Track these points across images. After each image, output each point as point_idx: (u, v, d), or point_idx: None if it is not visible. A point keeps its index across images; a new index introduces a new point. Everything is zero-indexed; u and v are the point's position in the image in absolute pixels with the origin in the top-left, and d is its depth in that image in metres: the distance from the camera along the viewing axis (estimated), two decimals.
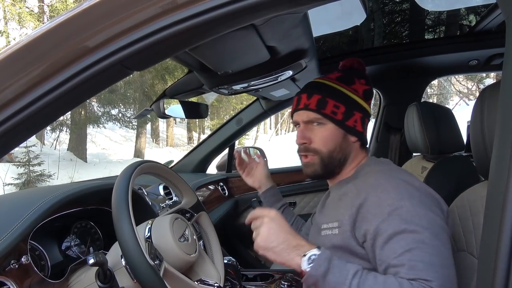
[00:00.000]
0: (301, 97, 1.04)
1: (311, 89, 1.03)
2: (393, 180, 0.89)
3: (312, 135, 1.02)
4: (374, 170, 0.97)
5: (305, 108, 1.01)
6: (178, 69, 9.90)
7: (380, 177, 0.91)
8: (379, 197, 0.85)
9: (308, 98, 1.02)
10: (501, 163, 0.53)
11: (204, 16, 0.59)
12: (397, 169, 0.98)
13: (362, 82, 1.05)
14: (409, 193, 0.85)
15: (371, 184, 0.90)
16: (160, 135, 17.60)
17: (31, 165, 8.40)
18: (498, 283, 0.49)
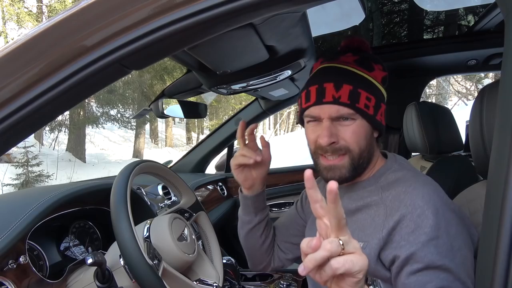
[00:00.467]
0: (323, 88, 0.85)
1: (337, 76, 0.86)
2: (430, 200, 0.78)
3: (341, 132, 0.86)
4: (401, 179, 0.86)
5: (334, 101, 0.84)
6: (177, 69, 9.89)
7: (415, 195, 0.79)
8: (416, 223, 0.76)
9: (337, 88, 0.84)
10: (500, 162, 0.53)
11: (202, 15, 0.59)
12: (425, 181, 0.85)
13: (379, 67, 0.91)
14: (446, 220, 0.77)
15: (406, 204, 0.79)
16: (159, 136, 17.59)
17: (29, 165, 8.40)
18: (497, 282, 0.49)
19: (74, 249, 1.20)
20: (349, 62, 0.89)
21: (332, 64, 0.90)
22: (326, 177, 0.89)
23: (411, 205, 0.78)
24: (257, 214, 1.08)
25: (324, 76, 0.88)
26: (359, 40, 0.95)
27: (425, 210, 0.76)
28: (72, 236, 1.21)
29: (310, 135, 0.90)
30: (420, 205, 0.77)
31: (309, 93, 0.88)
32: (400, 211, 0.78)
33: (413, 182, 0.83)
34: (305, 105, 0.89)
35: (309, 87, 0.89)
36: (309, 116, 0.89)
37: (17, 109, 0.62)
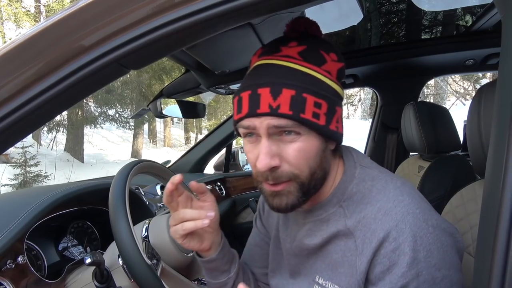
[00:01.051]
0: (258, 95, 0.65)
1: (275, 77, 0.65)
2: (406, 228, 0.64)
3: (284, 151, 0.66)
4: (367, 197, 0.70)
5: (272, 113, 0.64)
6: (176, 69, 9.89)
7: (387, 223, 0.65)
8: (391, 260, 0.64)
9: (274, 95, 0.64)
10: (497, 162, 0.53)
11: (200, 14, 0.59)
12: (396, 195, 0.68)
13: (333, 57, 0.70)
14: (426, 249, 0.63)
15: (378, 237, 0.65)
16: (157, 136, 17.58)
17: (27, 165, 8.38)
18: (494, 281, 0.50)
19: (73, 249, 1.20)
20: (292, 56, 0.68)
21: (270, 60, 0.68)
22: (272, 204, 0.70)
23: (384, 237, 0.64)
24: (231, 268, 0.86)
25: (259, 77, 0.67)
26: (306, 21, 0.73)
27: (400, 244, 0.63)
28: (70, 236, 1.21)
29: (249, 155, 0.70)
30: (394, 237, 0.64)
31: (241, 100, 0.68)
32: (373, 245, 0.65)
33: (384, 201, 0.68)
34: (237, 116, 0.69)
35: (241, 93, 0.68)
36: (244, 128, 0.69)
37: (15, 109, 0.62)
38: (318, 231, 0.75)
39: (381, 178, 0.72)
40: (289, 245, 0.83)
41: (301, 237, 0.78)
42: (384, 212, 0.66)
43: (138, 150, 13.66)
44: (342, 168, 0.76)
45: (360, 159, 0.77)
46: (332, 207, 0.74)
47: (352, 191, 0.72)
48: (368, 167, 0.75)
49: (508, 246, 0.49)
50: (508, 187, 0.49)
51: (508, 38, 0.55)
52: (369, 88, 2.56)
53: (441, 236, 0.65)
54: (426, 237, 0.64)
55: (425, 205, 0.69)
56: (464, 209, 1.04)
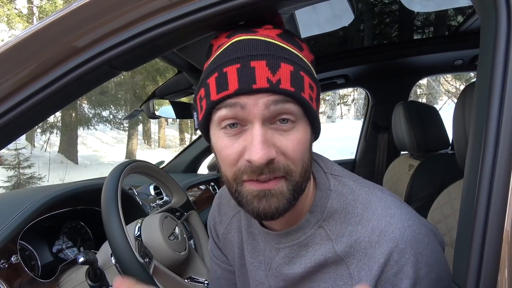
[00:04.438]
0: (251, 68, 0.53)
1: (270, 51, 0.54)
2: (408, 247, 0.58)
3: (281, 142, 0.55)
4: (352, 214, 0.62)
5: (272, 88, 0.53)
6: (169, 70, 9.87)
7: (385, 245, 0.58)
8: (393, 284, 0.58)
9: (273, 69, 0.53)
10: (475, 158, 0.55)
11: (190, 17, 0.60)
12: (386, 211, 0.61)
13: (307, 47, 0.62)
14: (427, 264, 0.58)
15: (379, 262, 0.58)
16: (152, 137, 17.51)
17: (21, 167, 8.32)
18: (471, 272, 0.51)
19: (67, 251, 1.21)
20: (273, 37, 0.57)
21: (252, 36, 0.57)
22: (257, 208, 0.57)
23: (386, 262, 0.57)
24: None
25: (247, 50, 0.54)
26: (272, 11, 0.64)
27: (403, 266, 0.57)
28: (64, 237, 1.22)
29: (228, 151, 0.56)
30: (396, 260, 0.57)
31: (224, 76, 0.54)
32: (374, 272, 0.58)
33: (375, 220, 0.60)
34: (219, 95, 0.54)
35: (223, 68, 0.54)
36: (227, 115, 0.55)
37: (8, 110, 0.63)
38: (298, 257, 0.65)
39: (360, 189, 0.64)
40: (263, 273, 0.72)
41: (277, 265, 0.68)
42: (380, 233, 0.59)
43: (133, 151, 13.60)
44: (313, 180, 0.66)
45: (329, 167, 0.67)
46: (310, 228, 0.64)
47: (333, 208, 0.63)
48: (342, 175, 0.66)
49: (484, 239, 0.51)
50: (484, 182, 0.51)
51: (485, 40, 0.57)
52: (361, 88, 2.58)
53: (433, 243, 0.61)
54: (424, 251, 0.58)
55: (409, 209, 0.63)
56: (451, 206, 1.07)
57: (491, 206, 0.49)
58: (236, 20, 0.70)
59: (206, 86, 0.57)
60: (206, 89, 0.57)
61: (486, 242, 0.49)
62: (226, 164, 0.58)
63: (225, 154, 0.57)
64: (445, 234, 1.06)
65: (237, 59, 0.54)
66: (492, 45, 0.54)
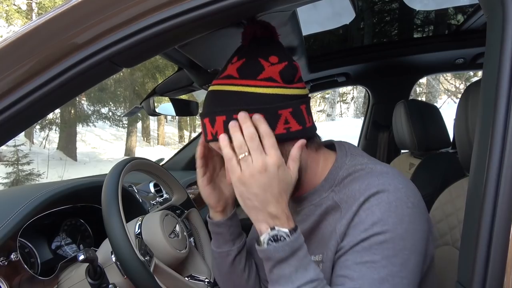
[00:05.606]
0: (204, 124, 0.76)
1: (211, 107, 0.74)
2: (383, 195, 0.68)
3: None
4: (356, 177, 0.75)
5: (213, 140, 0.74)
6: (169, 68, 9.85)
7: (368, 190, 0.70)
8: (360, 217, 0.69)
9: (211, 124, 0.73)
10: (481, 158, 0.54)
11: (192, 13, 0.60)
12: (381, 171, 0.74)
13: (273, 60, 0.72)
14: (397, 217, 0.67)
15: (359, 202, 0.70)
16: (151, 134, 17.50)
17: (19, 164, 8.31)
18: (477, 273, 0.51)
19: (66, 248, 1.20)
20: (231, 76, 0.73)
21: (213, 86, 0.76)
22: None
23: (363, 201, 0.69)
24: (235, 242, 0.90)
25: (204, 107, 0.77)
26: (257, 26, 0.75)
27: (373, 206, 0.68)
28: (63, 234, 1.21)
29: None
30: (370, 201, 0.69)
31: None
32: (353, 209, 0.70)
33: (372, 179, 0.72)
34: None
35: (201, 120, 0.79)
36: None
37: (7, 107, 0.62)
38: (312, 215, 0.80)
39: (370, 163, 0.77)
40: None
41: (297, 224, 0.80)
42: (368, 183, 0.71)
43: (132, 148, 13.60)
44: (333, 158, 0.81)
45: (351, 150, 0.83)
46: (324, 192, 0.79)
47: (343, 176, 0.77)
48: (359, 155, 0.81)
49: (491, 240, 0.50)
50: (490, 182, 0.51)
51: (492, 38, 0.57)
52: (361, 87, 2.58)
53: (417, 215, 0.69)
54: (401, 208, 0.67)
55: (412, 186, 0.72)
56: (452, 205, 1.06)
57: (497, 207, 0.49)
58: (238, 17, 0.69)
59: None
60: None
61: (492, 243, 0.49)
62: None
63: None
64: (447, 233, 1.05)
65: (201, 116, 0.77)
66: (499, 42, 0.54)
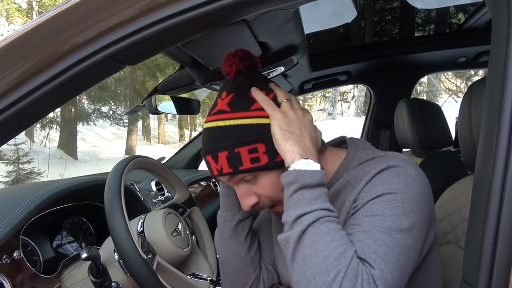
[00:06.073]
0: (208, 161, 0.79)
1: (211, 144, 0.77)
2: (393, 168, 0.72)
3: (255, 190, 0.79)
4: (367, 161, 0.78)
5: (220, 175, 0.78)
6: (169, 66, 9.85)
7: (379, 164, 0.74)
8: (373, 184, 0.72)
9: (215, 161, 0.77)
10: (486, 156, 0.54)
11: (196, 11, 0.59)
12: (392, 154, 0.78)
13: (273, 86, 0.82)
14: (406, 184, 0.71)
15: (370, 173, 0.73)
16: (151, 133, 17.51)
17: (20, 163, 8.32)
18: (483, 272, 0.51)
19: (68, 246, 1.20)
20: (223, 110, 0.77)
21: (208, 123, 0.79)
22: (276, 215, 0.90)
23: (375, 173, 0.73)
24: (240, 208, 0.91)
25: (204, 146, 0.80)
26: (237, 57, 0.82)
27: (384, 176, 0.71)
28: (65, 233, 1.21)
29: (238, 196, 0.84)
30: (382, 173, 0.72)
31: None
32: (365, 179, 0.73)
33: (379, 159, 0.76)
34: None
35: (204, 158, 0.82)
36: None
37: (8, 106, 0.62)
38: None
39: (380, 153, 0.80)
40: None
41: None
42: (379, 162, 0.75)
43: (132, 147, 13.60)
44: (343, 154, 0.85)
45: (362, 144, 0.87)
46: (336, 181, 0.81)
47: (354, 165, 0.81)
48: (369, 148, 0.86)
49: (496, 239, 0.50)
50: (496, 180, 0.50)
51: (497, 35, 0.56)
52: (362, 85, 2.57)
53: (423, 193, 0.72)
54: (410, 180, 0.71)
55: (421, 171, 0.75)
56: (455, 203, 1.06)
57: (503, 204, 0.48)
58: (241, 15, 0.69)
59: None
60: None
61: (498, 241, 0.48)
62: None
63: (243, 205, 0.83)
64: (449, 232, 1.05)
65: (203, 154, 0.81)
66: (504, 40, 0.53)
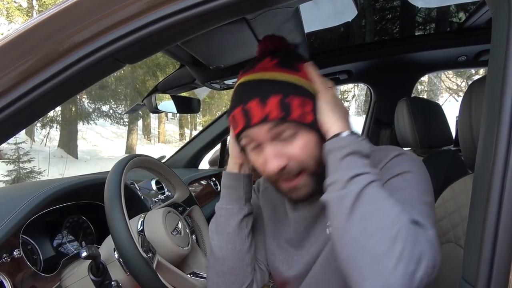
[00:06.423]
0: (248, 108, 0.72)
1: (260, 89, 0.73)
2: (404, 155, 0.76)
3: (288, 150, 0.73)
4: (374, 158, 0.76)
5: (264, 120, 0.71)
6: (170, 65, 9.85)
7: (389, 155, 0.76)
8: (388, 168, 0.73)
9: (263, 105, 0.71)
10: (486, 155, 0.54)
11: (196, 9, 0.59)
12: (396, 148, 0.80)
13: (302, 67, 0.78)
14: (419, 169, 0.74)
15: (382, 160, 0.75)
16: (151, 132, 17.51)
17: (21, 162, 8.32)
18: (482, 274, 0.51)
19: (68, 245, 1.20)
20: (269, 68, 0.75)
21: (251, 76, 0.76)
22: (292, 198, 0.79)
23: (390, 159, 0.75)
24: (247, 203, 0.88)
25: (246, 93, 0.74)
26: (275, 39, 0.83)
27: (399, 160, 0.74)
28: (65, 232, 1.21)
29: (257, 163, 0.78)
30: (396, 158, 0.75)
31: (234, 118, 0.76)
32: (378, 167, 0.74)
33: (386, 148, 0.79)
34: (235, 132, 0.77)
35: (233, 111, 0.76)
36: (245, 142, 0.77)
37: (8, 104, 0.62)
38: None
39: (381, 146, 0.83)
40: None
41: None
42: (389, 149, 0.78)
43: (133, 146, 13.61)
44: None
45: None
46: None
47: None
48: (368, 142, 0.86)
49: (496, 238, 0.50)
50: (496, 179, 0.50)
51: (497, 34, 0.56)
52: (363, 84, 2.57)
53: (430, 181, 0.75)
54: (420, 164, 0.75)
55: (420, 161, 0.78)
56: (455, 202, 1.06)
57: (503, 204, 0.48)
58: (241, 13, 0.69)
59: (230, 123, 0.79)
60: (230, 125, 0.79)
61: (498, 240, 0.48)
62: (260, 172, 0.79)
63: (256, 165, 0.79)
64: (449, 231, 1.05)
65: (239, 102, 0.74)
66: (504, 38, 0.53)
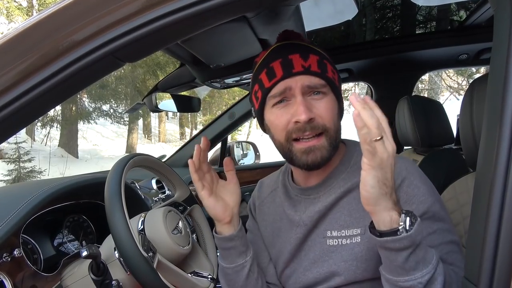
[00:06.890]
0: (290, 59, 0.77)
1: (300, 48, 0.80)
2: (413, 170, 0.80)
3: (316, 108, 0.78)
4: None
5: (306, 71, 0.77)
6: (170, 64, 9.84)
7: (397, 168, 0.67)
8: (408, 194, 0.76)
9: (304, 58, 0.77)
10: (488, 153, 0.54)
11: (196, 7, 0.59)
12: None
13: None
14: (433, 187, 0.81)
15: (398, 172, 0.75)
16: (152, 131, 17.50)
17: (21, 161, 8.32)
18: (484, 272, 0.51)
19: (68, 245, 1.20)
20: (305, 40, 0.85)
21: (287, 42, 0.83)
22: (306, 161, 0.79)
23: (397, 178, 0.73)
24: (247, 252, 0.88)
25: (285, 50, 0.79)
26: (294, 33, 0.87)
27: (412, 181, 0.78)
28: (66, 231, 1.21)
29: (280, 119, 0.79)
30: (405, 176, 0.78)
31: (272, 69, 0.78)
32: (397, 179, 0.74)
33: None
34: (270, 83, 0.78)
35: (270, 64, 0.79)
36: (277, 94, 0.79)
37: (8, 103, 0.62)
38: (331, 194, 0.84)
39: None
40: (298, 217, 0.89)
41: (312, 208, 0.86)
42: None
43: (133, 145, 13.60)
44: (344, 146, 0.89)
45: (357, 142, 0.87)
46: (340, 174, 0.85)
47: (357, 159, 0.81)
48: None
49: (498, 236, 0.50)
50: (498, 178, 0.50)
51: (499, 32, 0.56)
52: (363, 83, 2.56)
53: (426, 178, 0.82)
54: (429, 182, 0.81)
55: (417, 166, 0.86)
56: (456, 201, 1.06)
57: (505, 203, 0.48)
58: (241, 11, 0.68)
59: (259, 81, 0.81)
60: (259, 83, 0.81)
61: (500, 239, 0.48)
62: (278, 131, 0.80)
63: (278, 122, 0.80)
64: None
65: (279, 56, 0.79)
66: (506, 36, 0.53)
